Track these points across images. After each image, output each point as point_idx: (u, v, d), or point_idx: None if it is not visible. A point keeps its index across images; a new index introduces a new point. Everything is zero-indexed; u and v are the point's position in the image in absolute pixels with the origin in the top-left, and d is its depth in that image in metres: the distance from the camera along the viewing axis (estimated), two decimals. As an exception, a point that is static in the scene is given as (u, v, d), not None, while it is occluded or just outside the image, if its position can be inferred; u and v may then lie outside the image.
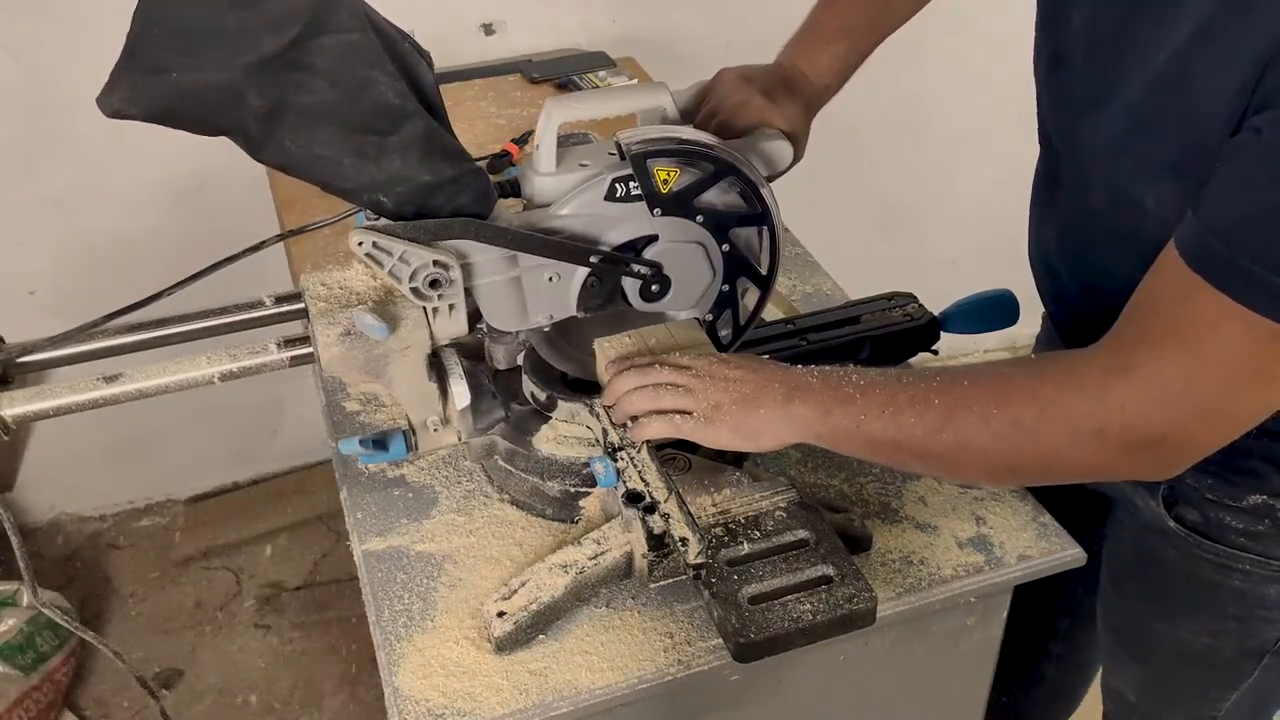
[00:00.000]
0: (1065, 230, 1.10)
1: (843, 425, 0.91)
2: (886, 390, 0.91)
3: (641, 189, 0.98)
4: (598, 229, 1.00)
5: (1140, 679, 1.27)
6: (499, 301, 1.00)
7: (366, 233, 0.90)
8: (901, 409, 0.89)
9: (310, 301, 0.99)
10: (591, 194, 0.98)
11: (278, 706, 2.11)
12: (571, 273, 1.01)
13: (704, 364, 0.98)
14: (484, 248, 0.95)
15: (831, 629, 0.88)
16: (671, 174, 0.98)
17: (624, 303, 1.04)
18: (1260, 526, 1.04)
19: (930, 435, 0.88)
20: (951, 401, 0.87)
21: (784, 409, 0.93)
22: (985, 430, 0.86)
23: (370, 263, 0.91)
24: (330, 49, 0.82)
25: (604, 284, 1.02)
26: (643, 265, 1.01)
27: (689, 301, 1.06)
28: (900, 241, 2.60)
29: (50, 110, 1.95)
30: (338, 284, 1.01)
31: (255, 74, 0.80)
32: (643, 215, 1.00)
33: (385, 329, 0.96)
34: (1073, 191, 1.04)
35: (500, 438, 1.09)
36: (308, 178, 0.88)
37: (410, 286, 0.94)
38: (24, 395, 0.91)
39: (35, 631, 2.00)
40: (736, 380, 0.96)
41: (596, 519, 1.05)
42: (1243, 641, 1.12)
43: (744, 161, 1.00)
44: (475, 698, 0.93)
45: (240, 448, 2.52)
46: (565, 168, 1.00)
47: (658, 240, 1.01)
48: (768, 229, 1.04)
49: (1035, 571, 1.07)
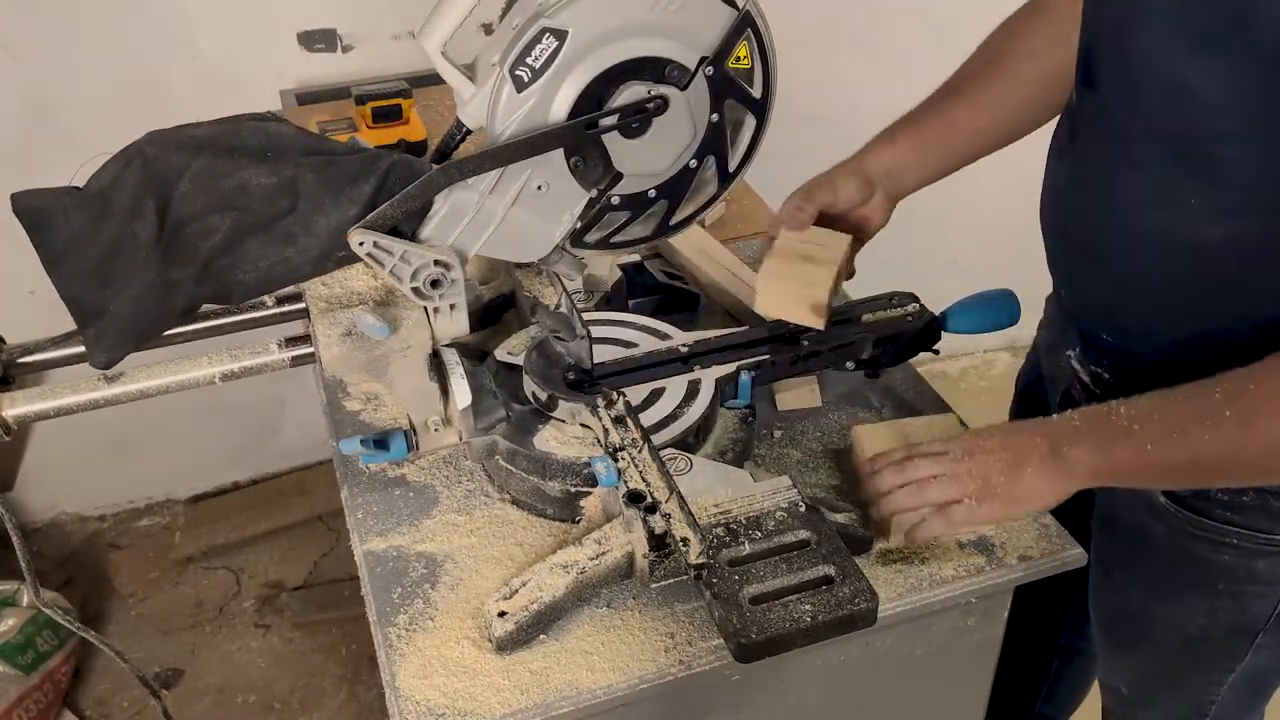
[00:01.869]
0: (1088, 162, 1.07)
1: (1126, 460, 0.91)
2: (1165, 414, 0.90)
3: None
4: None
5: (1135, 669, 1.27)
6: (513, 235, 0.98)
7: (367, 233, 0.90)
8: (1188, 428, 0.88)
9: (311, 301, 0.99)
10: (505, 90, 0.92)
11: (278, 706, 2.11)
12: (556, 169, 0.96)
13: (960, 444, 0.99)
14: (465, 203, 0.94)
15: (832, 629, 0.88)
16: None
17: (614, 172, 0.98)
18: (1245, 499, 1.05)
19: (1237, 447, 0.87)
20: (1247, 408, 0.87)
21: (1053, 462, 0.93)
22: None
23: (371, 262, 0.91)
24: (189, 195, 0.86)
25: (588, 157, 0.96)
26: (606, 116, 0.95)
27: (681, 127, 0.99)
28: (901, 242, 2.59)
29: (50, 110, 1.95)
30: (339, 284, 1.01)
31: (160, 259, 0.87)
32: None
33: (386, 329, 0.96)
34: (1108, 109, 1.01)
35: (501, 437, 1.09)
36: (283, 285, 0.93)
37: (411, 286, 0.94)
38: (25, 395, 0.91)
39: (35, 631, 2.00)
40: (997, 450, 0.96)
41: (597, 519, 1.05)
42: (1236, 618, 1.13)
43: None
44: (476, 698, 0.93)
45: (240, 448, 2.52)
46: (481, 79, 0.95)
47: None
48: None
49: (1036, 572, 1.07)
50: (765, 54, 0.97)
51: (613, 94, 0.93)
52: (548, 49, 0.90)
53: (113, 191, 0.87)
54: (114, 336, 0.88)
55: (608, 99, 0.93)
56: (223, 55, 2.02)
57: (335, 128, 1.83)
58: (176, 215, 0.87)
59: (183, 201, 0.86)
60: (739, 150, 1.02)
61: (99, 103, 1.93)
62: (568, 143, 0.94)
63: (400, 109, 1.80)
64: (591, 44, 0.91)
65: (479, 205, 0.95)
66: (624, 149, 0.96)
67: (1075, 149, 1.09)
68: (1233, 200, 0.92)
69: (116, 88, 1.95)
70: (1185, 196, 0.95)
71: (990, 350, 2.90)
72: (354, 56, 2.11)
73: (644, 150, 0.97)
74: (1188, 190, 0.94)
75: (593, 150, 0.95)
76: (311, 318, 0.97)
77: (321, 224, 0.89)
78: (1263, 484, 1.03)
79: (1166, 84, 0.91)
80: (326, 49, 2.10)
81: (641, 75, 0.94)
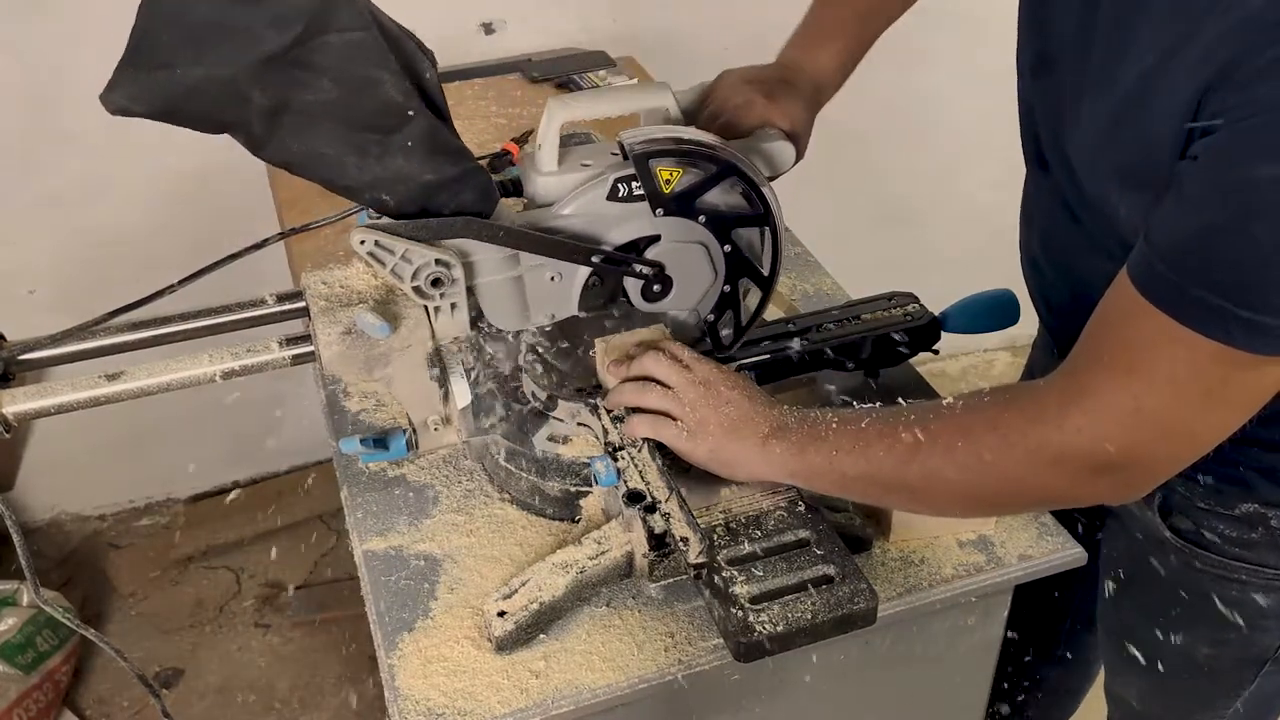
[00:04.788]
0: (1049, 238, 1.10)
1: (816, 463, 0.92)
2: (857, 427, 0.92)
3: (644, 189, 0.98)
4: (599, 228, 1.00)
5: (1144, 687, 1.27)
6: (501, 300, 1.00)
7: (368, 231, 0.90)
8: (871, 443, 0.90)
9: (311, 300, 0.99)
10: (593, 194, 0.98)
11: (278, 706, 2.11)
12: (573, 272, 1.01)
13: (705, 370, 0.99)
14: (486, 246, 0.95)
15: (832, 629, 0.88)
16: (674, 174, 0.98)
17: (626, 303, 1.04)
18: (1254, 535, 1.04)
19: (899, 468, 0.88)
20: (919, 435, 0.87)
21: (762, 447, 0.94)
22: (950, 462, 0.86)
23: (372, 261, 0.91)
24: (334, 47, 0.81)
25: (606, 284, 1.02)
26: (644, 265, 1.01)
27: (690, 301, 1.06)
28: (901, 241, 2.60)
29: (51, 108, 1.95)
30: (339, 282, 1.01)
31: (259, 71, 0.80)
32: (645, 215, 1.00)
33: (386, 328, 0.96)
34: (1056, 199, 1.04)
35: (501, 437, 1.09)
36: (310, 176, 0.88)
37: (412, 285, 0.94)
38: (25, 393, 0.91)
39: (35, 631, 2.00)
40: (727, 402, 0.97)
41: (597, 518, 1.05)
42: (1244, 650, 1.12)
43: (746, 162, 1.00)
44: (476, 697, 0.93)
45: (240, 448, 2.51)
46: (567, 167, 1.00)
47: (660, 240, 1.01)
48: (769, 229, 1.04)
49: (1036, 571, 1.07)
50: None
51: None
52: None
53: None
54: (151, 91, 0.80)
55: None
56: (223, 55, 2.02)
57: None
58: (305, 55, 0.81)
59: (322, 50, 0.81)
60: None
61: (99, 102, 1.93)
62: (611, 270, 1.00)
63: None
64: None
65: (485, 260, 0.97)
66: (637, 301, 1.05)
67: (1040, 223, 1.12)
68: None
69: (117, 87, 1.95)
70: None
71: (990, 350, 2.90)
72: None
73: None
74: None
75: (616, 282, 1.02)
76: (311, 316, 0.97)
77: (394, 165, 0.87)
78: (925, 512, 1.02)
79: (1098, 199, 0.92)
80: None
81: None
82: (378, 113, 0.85)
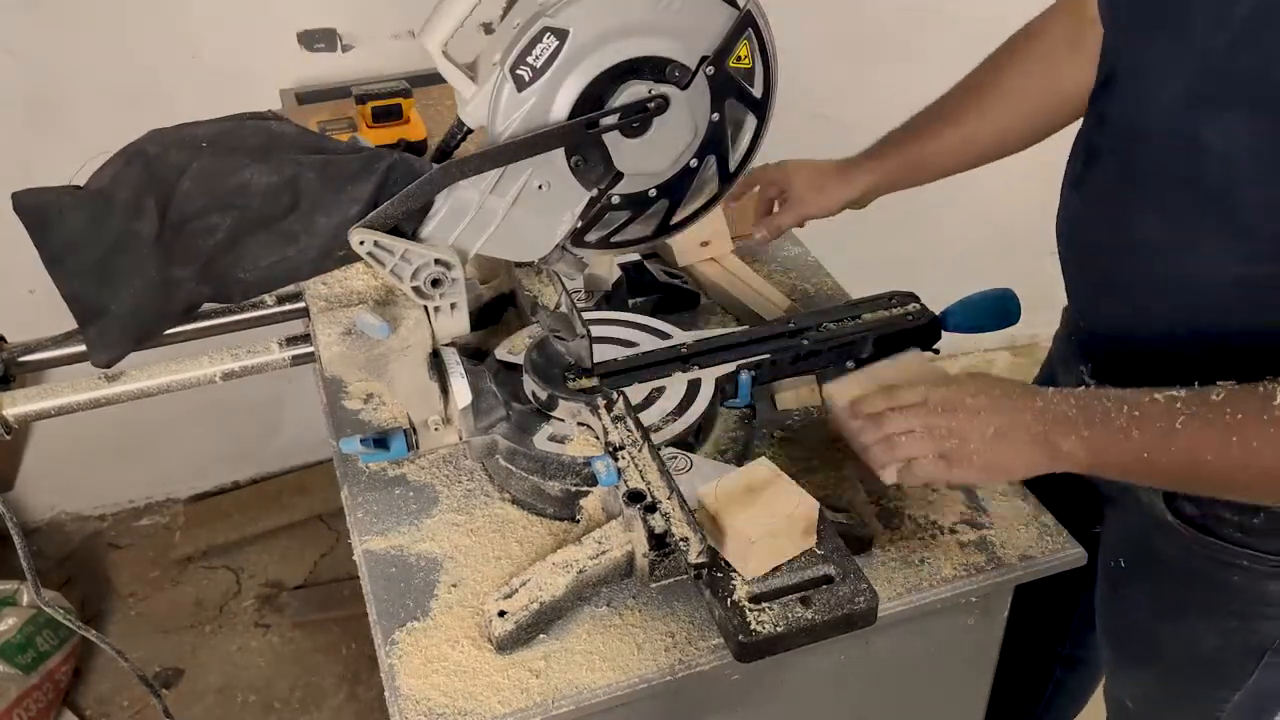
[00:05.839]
0: (1104, 197, 1.07)
1: (1122, 461, 0.90)
2: (1163, 421, 0.88)
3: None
4: (539, 115, 0.93)
5: (1142, 683, 1.27)
6: (514, 234, 0.97)
7: (368, 232, 0.90)
8: (1194, 443, 0.87)
9: (311, 301, 0.99)
10: (506, 93, 0.92)
11: (278, 706, 2.11)
12: (552, 164, 0.95)
13: (942, 396, 0.96)
14: (473, 204, 0.94)
15: (832, 629, 0.88)
16: None
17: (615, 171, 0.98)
18: (1255, 520, 1.04)
19: (1222, 462, 0.86)
20: (1238, 425, 0.85)
21: (1044, 446, 0.91)
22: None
23: (372, 262, 0.91)
24: (189, 192, 0.86)
25: (589, 156, 0.96)
26: (607, 116, 0.94)
27: (682, 127, 0.98)
28: (902, 241, 2.60)
29: (50, 110, 1.95)
30: (339, 283, 1.01)
31: (161, 257, 0.87)
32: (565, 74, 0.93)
33: (386, 328, 0.96)
34: (1121, 149, 1.02)
35: (501, 437, 1.09)
36: (284, 284, 0.93)
37: (412, 285, 0.94)
38: (25, 394, 0.91)
39: (35, 631, 2.00)
40: (983, 413, 0.93)
41: (597, 518, 1.05)
42: (1245, 639, 1.12)
43: None
44: (476, 697, 0.93)
45: (240, 448, 2.52)
46: (482, 78, 0.94)
47: None
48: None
49: (1036, 571, 1.07)
50: (766, 53, 0.97)
51: (614, 93, 0.93)
52: (548, 48, 0.90)
53: (114, 190, 0.87)
54: (115, 335, 0.88)
55: (608, 98, 0.93)
56: (223, 55, 2.02)
57: (335, 127, 1.83)
58: (178, 214, 0.86)
59: (184, 200, 0.86)
60: (739, 150, 1.02)
61: (99, 102, 1.93)
62: (569, 142, 0.94)
63: (400, 108, 1.80)
64: (592, 43, 0.91)
65: (480, 204, 0.95)
66: (624, 149, 0.96)
67: (1090, 182, 1.09)
68: (1255, 244, 0.92)
69: (117, 87, 1.95)
70: (1204, 239, 0.95)
71: (990, 350, 2.90)
72: (354, 56, 2.11)
73: (645, 150, 0.97)
74: (1206, 233, 0.94)
75: (593, 150, 0.95)
76: (311, 317, 0.97)
77: (322, 223, 0.89)
78: (1254, 500, 1.01)
79: (1175, 131, 0.91)
80: (326, 48, 2.10)
81: (642, 74, 0.93)
82: (269, 202, 0.88)
